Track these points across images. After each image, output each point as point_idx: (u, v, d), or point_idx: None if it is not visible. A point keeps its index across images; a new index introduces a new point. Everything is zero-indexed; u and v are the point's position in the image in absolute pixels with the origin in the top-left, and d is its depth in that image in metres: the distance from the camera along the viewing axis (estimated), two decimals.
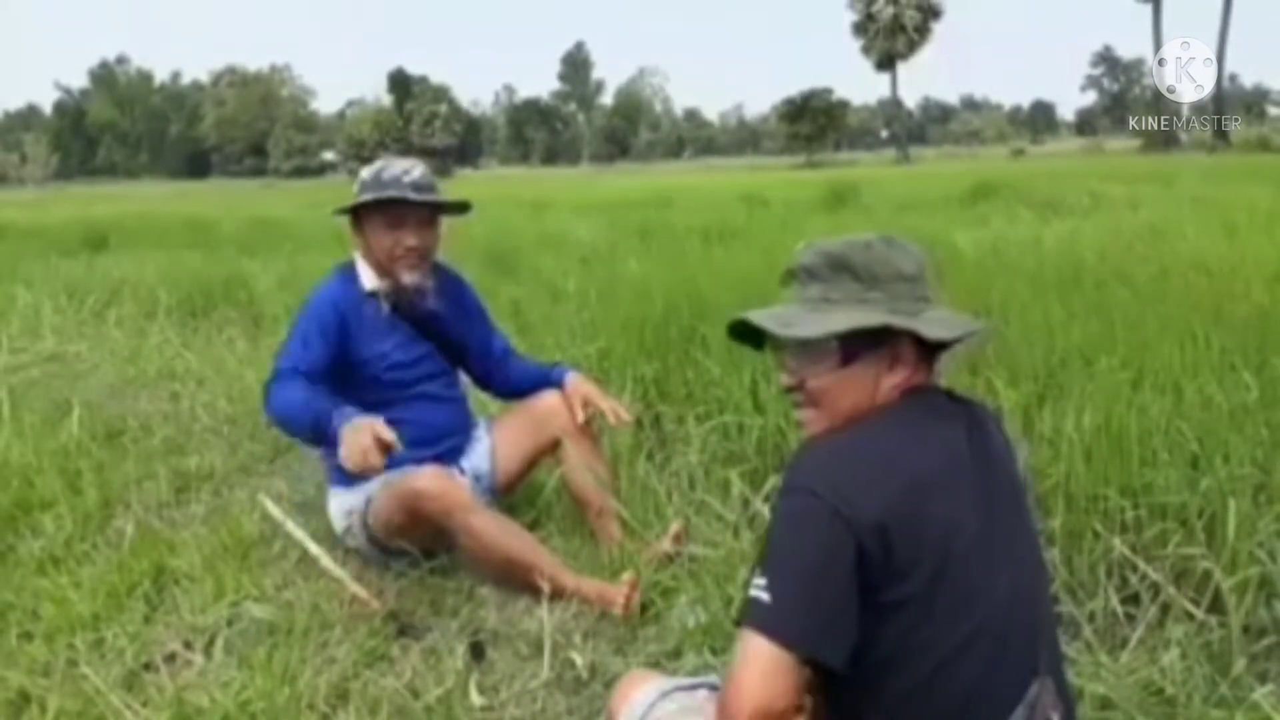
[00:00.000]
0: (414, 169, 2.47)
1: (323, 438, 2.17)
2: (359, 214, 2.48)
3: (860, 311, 1.22)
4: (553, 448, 2.56)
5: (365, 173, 2.50)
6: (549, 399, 2.56)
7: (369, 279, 2.50)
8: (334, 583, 2.33)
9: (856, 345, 1.22)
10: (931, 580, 1.11)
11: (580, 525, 2.52)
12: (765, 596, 1.10)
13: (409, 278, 2.46)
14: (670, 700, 1.33)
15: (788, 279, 1.31)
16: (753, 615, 1.10)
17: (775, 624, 1.09)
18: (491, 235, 8.22)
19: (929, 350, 1.25)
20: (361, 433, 2.05)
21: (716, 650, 1.95)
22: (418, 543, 2.37)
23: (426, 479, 2.27)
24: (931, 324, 1.23)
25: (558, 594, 2.20)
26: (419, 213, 2.45)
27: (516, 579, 2.27)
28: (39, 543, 2.62)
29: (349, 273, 2.53)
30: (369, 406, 2.43)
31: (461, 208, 2.58)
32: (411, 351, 2.53)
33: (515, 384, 2.70)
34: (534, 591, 2.21)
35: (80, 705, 1.87)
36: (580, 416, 2.50)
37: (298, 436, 2.33)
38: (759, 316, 1.28)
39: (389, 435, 2.06)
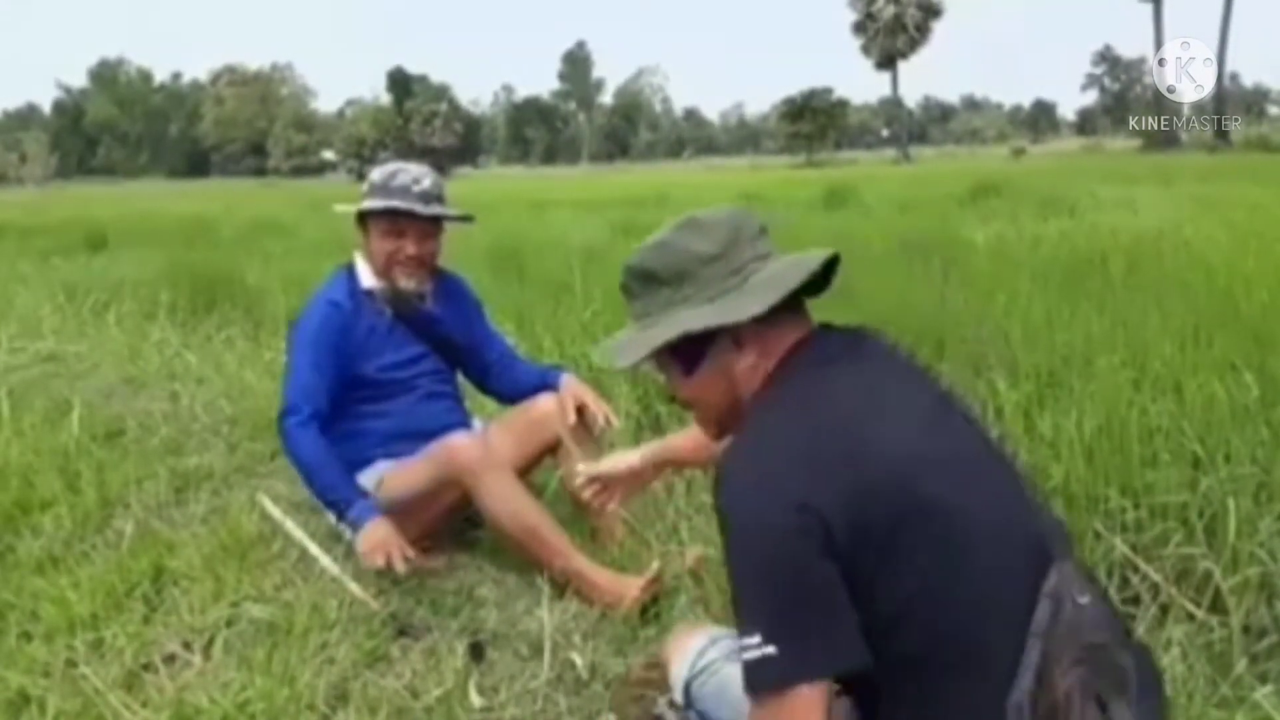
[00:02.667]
0: (424, 178, 2.48)
1: (335, 511, 2.34)
2: (366, 216, 2.49)
3: (671, 320, 1.18)
4: (550, 450, 2.55)
5: (376, 174, 2.51)
6: (544, 402, 2.55)
7: (368, 277, 2.53)
8: (333, 583, 2.32)
9: (690, 349, 1.18)
10: (902, 527, 1.03)
11: (582, 527, 2.52)
12: (770, 650, 1.01)
13: (406, 282, 2.49)
14: (716, 648, 1.37)
15: (622, 298, 1.29)
16: (767, 677, 1.01)
17: (796, 670, 1.01)
18: (492, 236, 8.21)
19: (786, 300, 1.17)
20: (381, 533, 2.21)
21: None
22: (428, 522, 2.39)
23: (461, 439, 2.31)
24: (748, 297, 1.16)
25: (571, 576, 2.22)
26: (422, 224, 2.47)
27: (532, 552, 2.28)
28: (38, 543, 2.61)
29: (349, 271, 2.56)
30: (363, 402, 2.47)
31: (465, 219, 2.60)
32: (407, 351, 2.55)
33: (514, 387, 2.69)
34: (547, 567, 2.24)
35: (79, 706, 1.87)
36: (571, 418, 2.49)
37: (309, 486, 2.40)
38: (601, 351, 1.28)
39: (408, 552, 2.21)
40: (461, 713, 1.86)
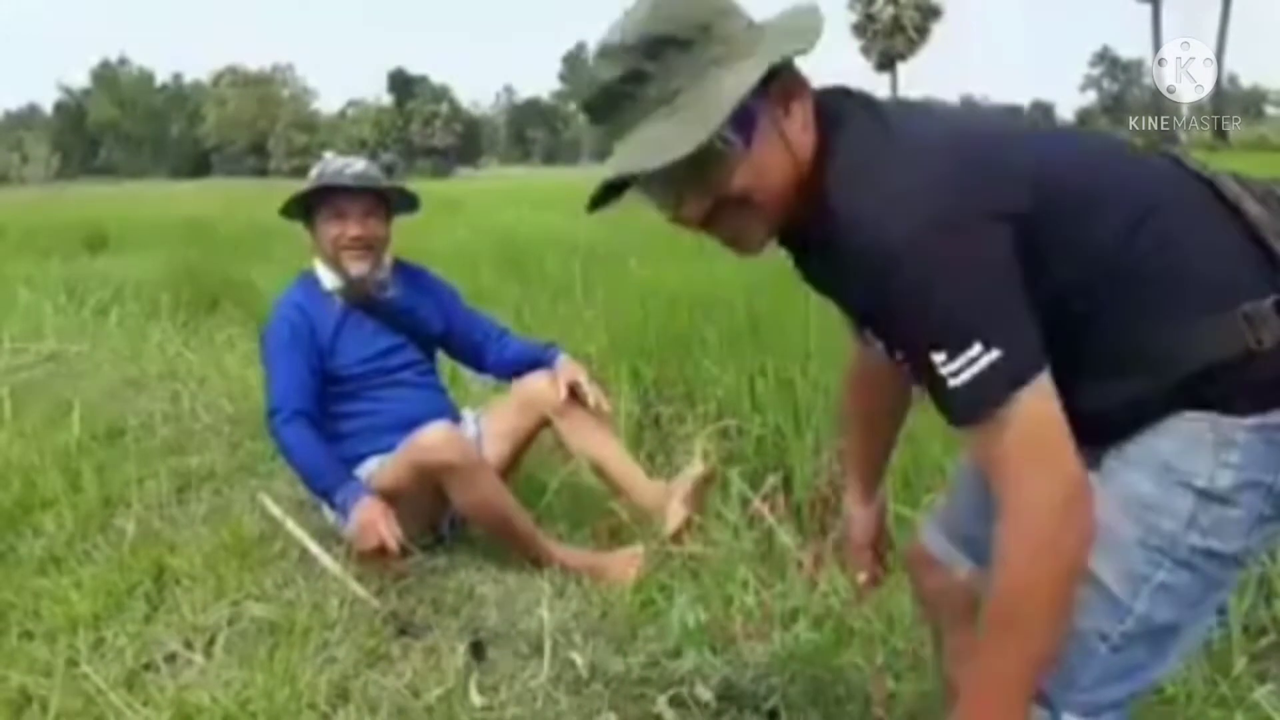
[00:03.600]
0: (356, 163, 2.54)
1: (326, 496, 2.37)
2: (312, 214, 2.54)
3: (712, 84, 0.97)
4: (541, 427, 2.57)
5: (312, 172, 2.57)
6: (535, 380, 2.57)
7: (328, 279, 2.56)
8: (335, 582, 2.33)
9: (742, 118, 0.98)
10: (1062, 192, 1.00)
11: (584, 524, 2.52)
12: (995, 354, 0.91)
13: (356, 269, 2.51)
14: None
15: (603, 104, 1.03)
16: (1000, 381, 0.92)
17: (1027, 363, 0.93)
18: (493, 236, 8.22)
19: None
20: (371, 512, 2.23)
21: (716, 649, 1.95)
22: (419, 517, 2.40)
23: (431, 434, 2.32)
24: (789, 35, 1.01)
25: (546, 562, 2.33)
26: (361, 203, 2.51)
27: (514, 546, 2.37)
28: (40, 542, 2.62)
29: (309, 277, 2.60)
30: (346, 400, 2.50)
31: (404, 196, 2.62)
32: (379, 344, 2.56)
33: (509, 363, 2.71)
34: (529, 558, 2.33)
35: (81, 705, 1.87)
36: (563, 394, 2.51)
37: (301, 476, 2.45)
38: (623, 164, 1.01)
39: (397, 533, 2.24)
40: (462, 712, 1.86)
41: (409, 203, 2.64)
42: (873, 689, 1.75)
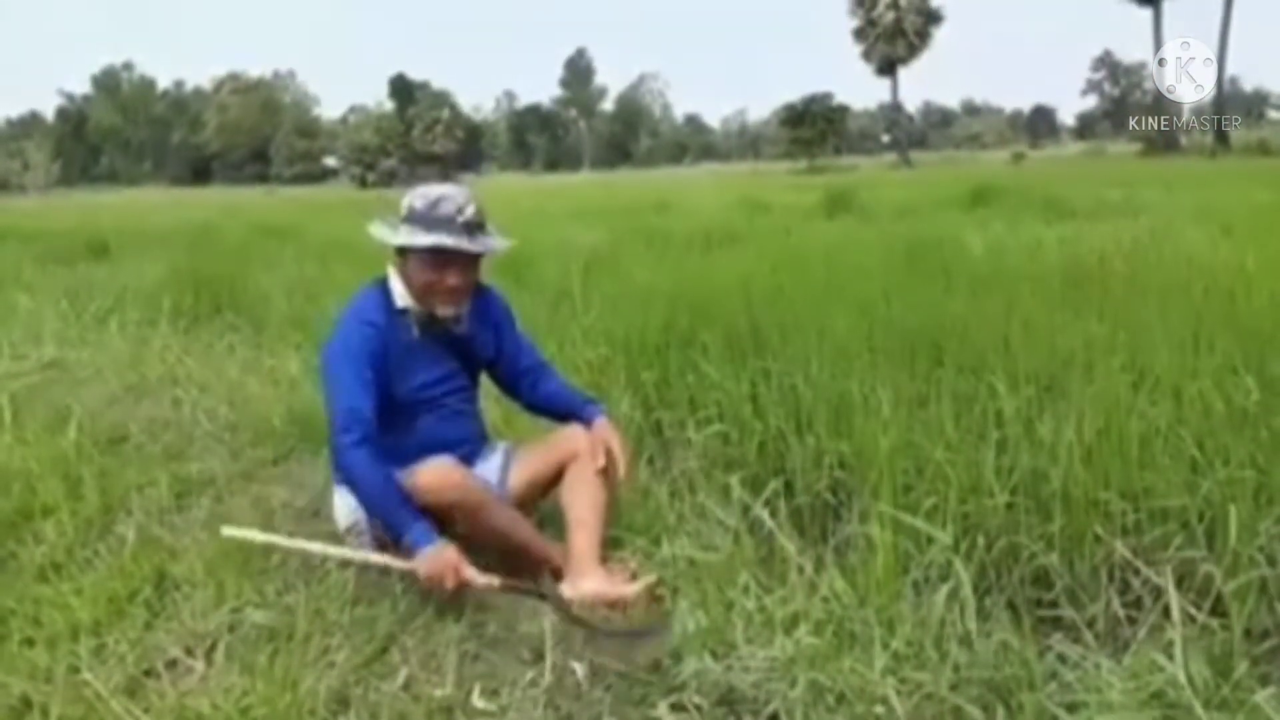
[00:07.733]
0: (468, 206, 2.39)
1: (393, 532, 2.28)
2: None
3: None
4: (563, 471, 2.52)
5: (418, 201, 2.40)
6: (575, 438, 2.52)
7: (401, 296, 2.48)
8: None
9: None
10: None
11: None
12: None
13: (444, 310, 2.45)
14: None
15: None
16: None
17: None
18: None
19: None
20: (442, 557, 2.17)
21: (717, 654, 1.95)
22: None
23: (427, 474, 2.31)
24: None
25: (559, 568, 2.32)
26: (465, 256, 2.41)
27: (522, 564, 2.35)
28: (40, 549, 2.62)
29: (382, 288, 2.51)
30: (386, 417, 2.45)
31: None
32: (437, 370, 2.53)
33: (543, 401, 2.68)
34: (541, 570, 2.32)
35: (82, 711, 1.87)
36: (601, 461, 2.45)
37: (366, 509, 2.38)
38: None
39: (467, 573, 2.18)
40: (463, 716, 1.86)
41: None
42: None
